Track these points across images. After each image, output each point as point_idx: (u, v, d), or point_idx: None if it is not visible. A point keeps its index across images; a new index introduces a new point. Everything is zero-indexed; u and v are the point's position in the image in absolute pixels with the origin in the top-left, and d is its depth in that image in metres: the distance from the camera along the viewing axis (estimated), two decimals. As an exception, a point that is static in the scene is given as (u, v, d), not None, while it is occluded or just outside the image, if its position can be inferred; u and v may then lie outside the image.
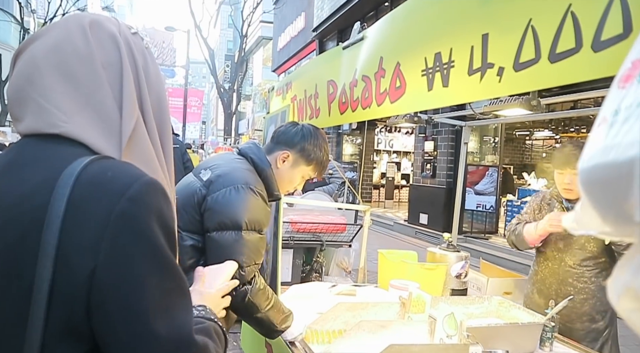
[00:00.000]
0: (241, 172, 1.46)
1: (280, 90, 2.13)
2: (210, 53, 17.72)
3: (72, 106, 0.61)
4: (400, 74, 1.21)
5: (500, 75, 0.86)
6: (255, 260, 1.41)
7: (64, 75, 0.61)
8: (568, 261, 2.03)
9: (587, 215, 0.36)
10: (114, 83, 0.63)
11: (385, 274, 2.17)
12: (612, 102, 0.35)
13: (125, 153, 0.63)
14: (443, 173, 9.35)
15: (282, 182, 1.59)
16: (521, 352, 1.60)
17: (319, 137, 1.59)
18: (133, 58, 0.67)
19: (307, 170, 1.60)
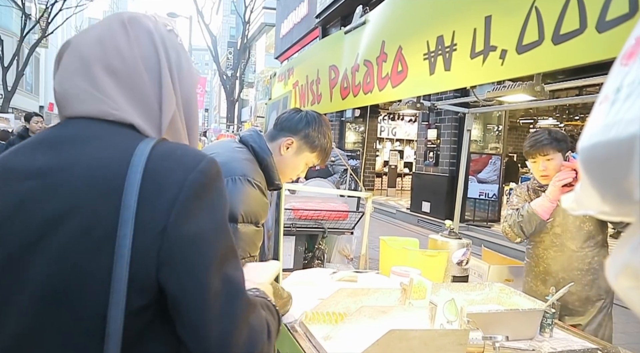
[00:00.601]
0: (239, 162, 1.44)
1: (282, 76, 2.11)
2: (212, 40, 17.59)
3: (119, 96, 0.67)
4: (402, 58, 1.20)
5: (502, 58, 0.85)
6: (249, 253, 1.40)
7: (107, 68, 0.66)
8: (570, 245, 2.02)
9: (586, 195, 0.35)
10: (152, 77, 0.69)
11: (387, 261, 2.18)
12: (614, 79, 0.35)
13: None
14: (446, 161, 9.32)
15: (286, 169, 1.57)
16: (521, 338, 1.61)
17: (323, 124, 1.58)
18: (167, 54, 0.71)
19: (311, 157, 1.59)
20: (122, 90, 0.67)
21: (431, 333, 1.37)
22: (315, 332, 1.45)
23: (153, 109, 0.68)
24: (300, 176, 1.67)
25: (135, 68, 0.67)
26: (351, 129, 14.76)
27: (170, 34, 0.73)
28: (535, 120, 12.81)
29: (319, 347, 1.39)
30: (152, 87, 0.68)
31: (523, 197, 2.19)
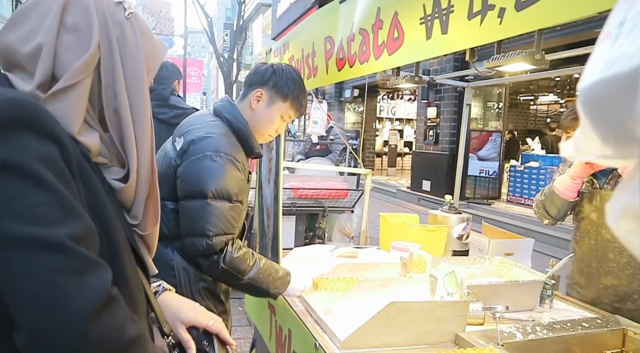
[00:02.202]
0: (213, 138, 1.41)
1: (278, 51, 2.08)
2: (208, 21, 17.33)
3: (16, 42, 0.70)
4: (398, 24, 1.16)
5: (501, 17, 0.82)
6: (225, 230, 1.37)
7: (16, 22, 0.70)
8: (605, 234, 1.75)
9: (586, 139, 0.34)
10: (73, 46, 0.71)
11: (387, 237, 2.18)
12: (617, 14, 0.33)
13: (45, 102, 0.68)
14: (446, 139, 9.30)
15: (261, 124, 1.52)
16: (521, 309, 1.61)
17: (292, 72, 1.52)
18: (107, 29, 0.73)
19: (285, 108, 1.52)
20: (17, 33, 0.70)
21: (431, 305, 1.37)
22: (316, 307, 1.46)
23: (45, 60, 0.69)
24: (279, 133, 1.62)
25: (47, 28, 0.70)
26: (350, 109, 14.67)
27: (117, 7, 0.76)
28: (535, 97, 12.71)
29: (320, 321, 1.39)
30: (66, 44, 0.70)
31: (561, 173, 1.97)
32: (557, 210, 1.88)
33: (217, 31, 20.49)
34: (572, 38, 5.55)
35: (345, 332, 1.26)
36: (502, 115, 9.30)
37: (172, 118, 3.03)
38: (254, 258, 1.44)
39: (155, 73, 0.84)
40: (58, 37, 0.70)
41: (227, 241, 1.38)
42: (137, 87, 0.77)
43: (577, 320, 1.45)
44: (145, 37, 0.80)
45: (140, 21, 0.80)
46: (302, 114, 1.59)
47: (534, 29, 0.78)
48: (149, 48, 0.80)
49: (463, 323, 1.35)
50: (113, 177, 0.77)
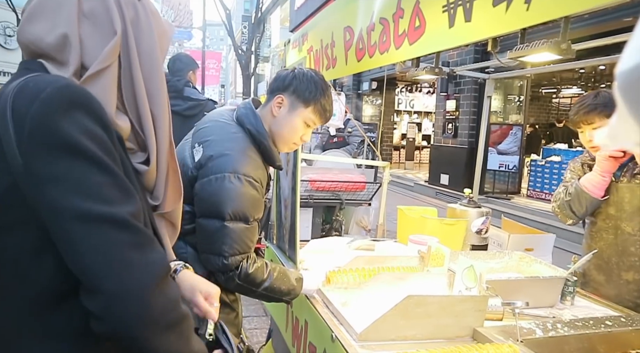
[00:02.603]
0: (231, 157, 1.38)
1: (296, 42, 2.06)
2: (227, 14, 17.36)
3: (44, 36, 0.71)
4: (419, 12, 1.14)
5: (528, 3, 0.79)
6: (240, 250, 1.38)
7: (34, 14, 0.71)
8: (625, 228, 1.73)
9: (624, 126, 0.32)
10: (93, 32, 0.72)
11: (405, 230, 2.16)
12: None
13: (92, 80, 0.71)
14: (465, 132, 9.16)
15: (283, 132, 1.48)
16: (541, 305, 1.58)
17: (314, 75, 1.48)
18: (121, 11, 0.75)
19: (307, 113, 1.47)
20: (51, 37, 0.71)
21: (449, 299, 1.36)
22: (333, 299, 1.46)
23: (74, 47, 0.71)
24: (305, 141, 1.56)
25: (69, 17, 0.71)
26: (368, 102, 14.57)
27: None
28: (558, 90, 12.42)
29: (336, 313, 1.39)
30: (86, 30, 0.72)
31: (577, 172, 1.92)
32: (585, 210, 1.82)
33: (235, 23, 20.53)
34: (599, 28, 5.38)
35: (362, 325, 1.26)
36: (523, 109, 9.11)
37: (187, 110, 3.05)
38: (268, 270, 1.45)
39: (166, 52, 0.86)
40: (80, 24, 0.71)
41: (242, 259, 1.40)
42: (152, 67, 0.78)
43: (600, 318, 1.41)
44: (155, 17, 0.81)
45: (149, 2, 0.82)
46: (327, 119, 1.53)
47: (563, 14, 0.75)
48: (159, 27, 0.82)
49: (481, 318, 1.33)
50: (137, 161, 0.79)
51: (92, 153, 0.64)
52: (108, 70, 0.73)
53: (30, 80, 0.67)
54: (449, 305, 1.30)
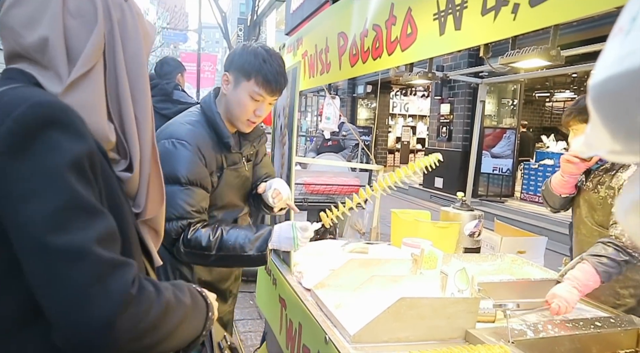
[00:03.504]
0: (172, 125, 1.45)
1: (291, 46, 2.08)
2: (222, 16, 17.38)
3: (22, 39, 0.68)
4: (411, 19, 1.16)
5: (515, 13, 0.81)
6: (176, 214, 1.33)
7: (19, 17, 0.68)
8: (582, 229, 1.81)
9: (597, 135, 0.34)
10: (80, 32, 0.69)
11: (398, 233, 2.18)
12: (630, 9, 0.33)
13: (66, 93, 0.68)
14: (459, 136, 9.21)
15: (233, 109, 1.47)
16: (533, 307, 1.60)
17: (256, 48, 1.43)
18: (109, 11, 0.73)
19: (251, 86, 1.41)
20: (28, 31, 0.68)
21: (442, 301, 1.37)
22: (327, 301, 1.47)
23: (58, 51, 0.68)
24: (259, 116, 1.48)
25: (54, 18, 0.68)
26: (363, 105, 14.61)
27: None
28: (551, 94, 12.51)
29: (330, 315, 1.40)
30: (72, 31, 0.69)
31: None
32: (554, 204, 1.94)
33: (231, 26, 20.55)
34: (589, 34, 5.45)
35: (355, 327, 1.27)
36: (517, 112, 9.19)
37: (176, 113, 3.05)
38: (219, 230, 1.39)
39: (149, 55, 0.85)
40: (65, 24, 0.69)
41: (182, 225, 1.35)
42: (138, 69, 0.77)
43: (589, 319, 1.44)
44: (140, 18, 0.79)
45: (135, 4, 0.80)
46: (275, 90, 1.44)
47: (548, 24, 0.77)
48: (143, 29, 0.80)
49: (473, 319, 1.35)
50: (119, 169, 0.77)
51: (59, 176, 0.61)
52: (94, 72, 0.71)
53: (6, 93, 0.64)
54: (442, 307, 1.31)
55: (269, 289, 1.98)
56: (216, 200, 1.50)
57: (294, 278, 1.75)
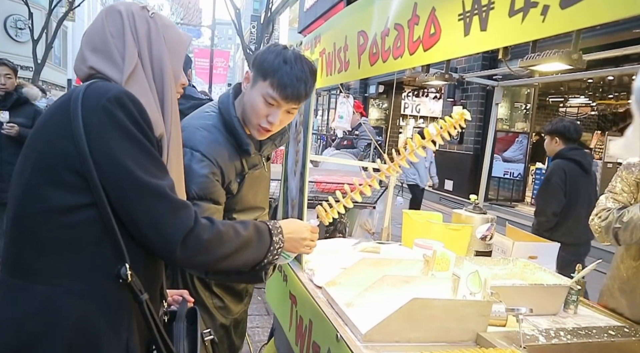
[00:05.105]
0: (187, 129, 1.31)
1: (309, 44, 2.08)
2: (236, 13, 17.43)
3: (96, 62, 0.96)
4: (435, 19, 1.16)
5: (544, 15, 0.80)
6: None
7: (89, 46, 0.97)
8: None
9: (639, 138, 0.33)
10: (118, 41, 0.95)
11: (410, 234, 2.17)
12: None
13: (128, 84, 0.93)
14: (471, 139, 9.16)
15: (246, 110, 1.34)
16: (544, 313, 1.59)
17: (282, 47, 1.30)
18: (135, 27, 0.96)
19: (265, 88, 1.26)
20: (99, 55, 0.95)
21: (454, 303, 1.37)
22: (338, 299, 1.47)
23: (117, 62, 0.94)
24: (272, 122, 1.32)
25: (106, 39, 0.95)
26: (374, 106, 14.59)
27: (142, 10, 0.99)
28: (565, 99, 12.38)
29: (341, 313, 1.41)
30: (117, 47, 0.95)
31: (630, 186, 1.66)
32: (633, 240, 1.59)
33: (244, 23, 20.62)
34: (609, 38, 5.38)
35: (366, 325, 1.27)
36: (530, 117, 9.11)
37: (189, 108, 3.09)
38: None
39: (183, 58, 1.03)
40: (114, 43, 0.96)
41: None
42: (161, 71, 0.97)
43: (603, 328, 1.42)
44: (168, 28, 1.01)
45: (163, 17, 1.02)
46: (290, 96, 1.27)
47: (578, 27, 0.76)
48: (174, 37, 1.01)
49: (485, 323, 1.35)
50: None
51: (140, 139, 0.88)
52: (136, 72, 0.94)
53: (96, 84, 0.91)
54: (453, 309, 1.31)
55: (279, 286, 1.99)
56: (236, 204, 1.43)
57: (305, 276, 1.75)
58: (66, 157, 0.86)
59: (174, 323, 1.09)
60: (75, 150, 0.85)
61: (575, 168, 3.08)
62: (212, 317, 1.49)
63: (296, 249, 1.27)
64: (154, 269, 1.01)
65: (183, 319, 1.11)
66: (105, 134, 0.85)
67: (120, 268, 0.88)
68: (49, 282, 0.87)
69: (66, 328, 0.86)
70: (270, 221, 1.18)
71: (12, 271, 0.90)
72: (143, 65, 0.96)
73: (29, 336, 0.86)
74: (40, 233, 0.88)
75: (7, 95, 3.35)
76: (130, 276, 0.88)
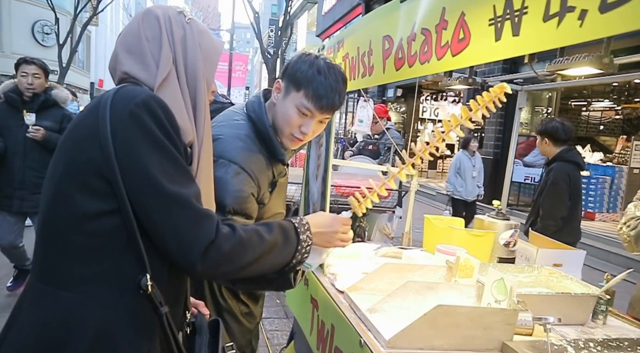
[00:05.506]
0: (221, 141, 1.27)
1: (331, 49, 2.08)
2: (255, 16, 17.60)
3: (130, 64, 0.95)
4: (464, 24, 1.14)
5: (582, 19, 0.79)
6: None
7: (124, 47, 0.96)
8: None
9: None
10: (155, 48, 0.94)
11: (431, 239, 2.15)
12: None
13: (160, 90, 0.92)
14: (490, 143, 9.05)
15: (278, 120, 1.32)
16: (572, 323, 1.56)
17: (315, 57, 1.29)
18: (172, 32, 0.95)
19: (300, 98, 1.25)
20: (132, 58, 0.94)
21: (479, 310, 1.35)
22: (360, 304, 1.46)
23: (150, 66, 0.93)
24: (305, 133, 1.31)
25: (141, 42, 0.94)
26: (392, 109, 14.53)
27: (179, 15, 0.97)
28: (589, 102, 12.12)
29: (364, 318, 1.40)
30: (151, 52, 0.94)
31: None
32: None
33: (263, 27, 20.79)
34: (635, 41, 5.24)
35: (390, 332, 1.26)
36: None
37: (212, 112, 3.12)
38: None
39: (215, 65, 1.02)
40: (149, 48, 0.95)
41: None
42: (196, 75, 0.96)
43: (635, 340, 1.38)
44: (203, 35, 0.99)
45: (198, 23, 1.01)
46: (325, 107, 1.27)
47: (618, 32, 0.74)
48: (209, 44, 1.00)
49: (511, 331, 1.32)
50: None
51: (166, 145, 0.86)
52: (171, 76, 0.93)
53: (126, 88, 0.91)
54: (479, 317, 1.29)
55: (300, 290, 1.99)
56: (264, 214, 1.40)
57: (327, 280, 1.75)
58: (93, 162, 0.85)
59: (196, 336, 1.07)
60: (102, 155, 0.84)
61: (575, 169, 3.14)
62: (240, 323, 1.48)
63: (329, 244, 1.19)
64: (179, 280, 0.98)
65: (205, 332, 1.08)
66: (131, 139, 0.84)
67: (141, 278, 0.85)
68: (72, 289, 0.86)
69: (86, 338, 0.84)
70: (296, 218, 1.12)
71: (39, 275, 0.90)
72: (177, 71, 0.95)
73: (49, 344, 0.85)
74: (66, 238, 0.87)
75: (35, 96, 3.19)
76: (150, 287, 0.85)
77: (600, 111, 12.82)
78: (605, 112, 12.62)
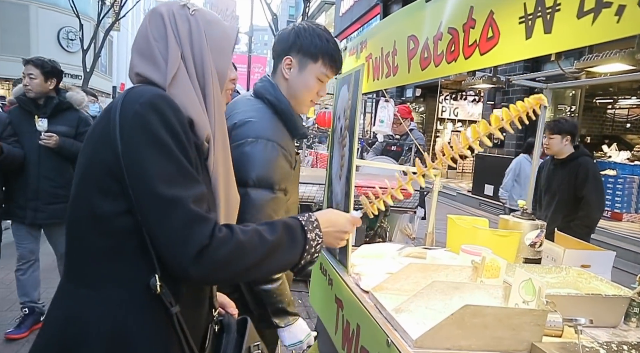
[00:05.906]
0: (254, 123, 1.36)
1: (354, 49, 2.09)
2: (273, 18, 17.70)
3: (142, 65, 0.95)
4: (493, 23, 1.13)
5: (619, 15, 0.77)
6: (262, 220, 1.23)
7: (136, 50, 0.96)
8: None
9: None
10: (162, 47, 0.94)
11: (455, 240, 2.13)
12: None
13: (171, 87, 0.92)
14: (512, 142, 8.91)
15: (298, 93, 1.43)
16: (603, 325, 1.52)
17: (315, 28, 1.41)
18: (177, 27, 0.95)
19: (318, 68, 1.41)
20: (144, 60, 0.94)
21: (507, 311, 1.33)
22: (385, 304, 1.46)
23: (160, 65, 0.93)
24: (321, 96, 1.47)
25: (149, 43, 0.94)
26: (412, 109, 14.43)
27: (183, 9, 0.97)
28: (615, 100, 11.82)
29: (390, 318, 1.40)
30: (160, 51, 0.94)
31: None
32: None
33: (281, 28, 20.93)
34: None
35: (417, 331, 1.26)
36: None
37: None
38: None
39: (229, 53, 1.01)
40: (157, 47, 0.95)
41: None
42: (202, 67, 0.95)
43: (669, 343, 1.34)
44: (212, 24, 0.98)
45: (205, 13, 0.99)
46: (339, 68, 1.45)
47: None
48: (218, 32, 0.99)
49: (540, 332, 1.30)
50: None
51: (168, 145, 0.85)
52: (180, 72, 0.93)
53: (136, 88, 0.91)
54: (506, 317, 1.28)
55: (324, 289, 2.00)
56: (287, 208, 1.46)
57: (352, 280, 1.75)
58: (106, 163, 0.86)
59: (224, 335, 1.07)
60: (113, 156, 0.85)
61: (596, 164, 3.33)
62: (270, 320, 1.52)
63: (336, 244, 1.19)
64: None
65: (233, 330, 1.09)
66: (133, 139, 0.84)
67: (151, 279, 0.86)
68: (91, 288, 0.88)
69: (102, 336, 0.86)
70: (304, 215, 1.08)
71: (66, 275, 0.94)
72: (187, 66, 0.94)
73: (69, 341, 0.87)
74: (85, 239, 0.89)
75: (48, 100, 2.90)
76: (159, 287, 0.85)
77: (627, 109, 12.48)
78: (632, 109, 12.28)
